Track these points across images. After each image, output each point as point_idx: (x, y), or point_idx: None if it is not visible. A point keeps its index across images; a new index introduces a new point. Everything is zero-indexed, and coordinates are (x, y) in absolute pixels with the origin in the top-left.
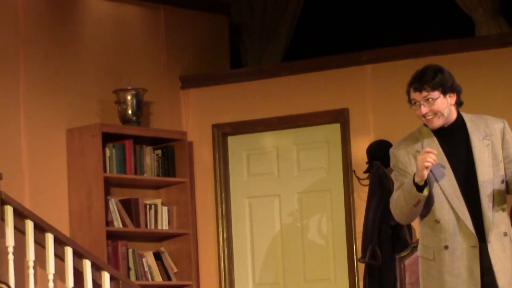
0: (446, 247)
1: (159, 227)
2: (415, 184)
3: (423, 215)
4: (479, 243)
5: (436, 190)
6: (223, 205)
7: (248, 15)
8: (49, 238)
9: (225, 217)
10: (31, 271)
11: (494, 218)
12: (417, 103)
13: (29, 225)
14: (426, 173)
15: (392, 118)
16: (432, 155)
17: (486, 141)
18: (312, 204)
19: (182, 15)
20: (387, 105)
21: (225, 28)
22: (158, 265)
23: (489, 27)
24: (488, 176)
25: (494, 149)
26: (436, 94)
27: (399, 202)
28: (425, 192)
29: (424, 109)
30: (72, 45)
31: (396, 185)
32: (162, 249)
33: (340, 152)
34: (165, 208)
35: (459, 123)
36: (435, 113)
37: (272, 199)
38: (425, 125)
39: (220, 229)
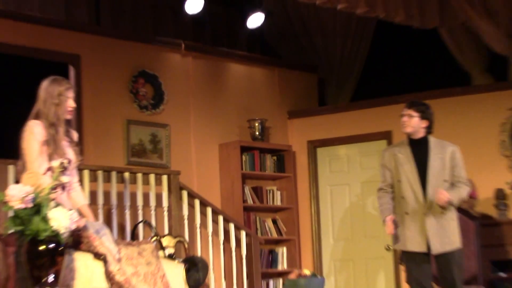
0: (407, 213)
1: (275, 204)
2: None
3: (395, 195)
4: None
5: (403, 178)
6: (314, 190)
7: (328, 72)
8: (209, 210)
9: (314, 198)
10: (197, 231)
11: (435, 201)
12: (403, 115)
13: (197, 202)
14: (389, 229)
15: None
16: (388, 229)
17: (439, 155)
18: (373, 190)
19: (289, 73)
20: None
21: (315, 80)
22: (274, 227)
23: (480, 80)
24: (434, 175)
25: (443, 162)
26: (415, 114)
27: (379, 207)
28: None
29: (404, 119)
30: (222, 91)
31: (381, 179)
32: (277, 217)
33: None
34: (278, 192)
35: (425, 141)
36: (408, 125)
37: (344, 187)
38: (407, 138)
39: (312, 205)
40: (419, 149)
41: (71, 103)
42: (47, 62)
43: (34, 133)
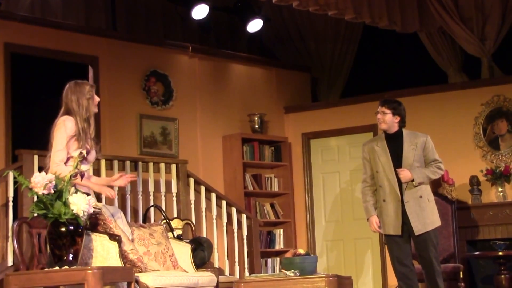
0: (384, 200)
1: (273, 190)
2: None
3: (376, 185)
4: (402, 200)
5: (380, 169)
6: (308, 177)
7: (320, 72)
8: (213, 196)
9: (308, 184)
10: (203, 214)
11: (411, 187)
12: (378, 112)
13: (202, 189)
14: (373, 228)
15: None
16: (373, 228)
17: (412, 146)
18: (360, 177)
19: (285, 72)
20: None
21: (308, 79)
22: (272, 210)
23: (455, 78)
24: (408, 165)
25: (417, 151)
26: (388, 111)
27: (362, 203)
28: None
29: (379, 116)
30: (225, 89)
31: (363, 170)
32: (275, 201)
33: None
34: (276, 179)
35: (399, 134)
36: (383, 121)
37: (335, 174)
38: (383, 132)
39: (307, 191)
40: (394, 142)
41: (97, 97)
42: (69, 63)
43: (66, 127)
